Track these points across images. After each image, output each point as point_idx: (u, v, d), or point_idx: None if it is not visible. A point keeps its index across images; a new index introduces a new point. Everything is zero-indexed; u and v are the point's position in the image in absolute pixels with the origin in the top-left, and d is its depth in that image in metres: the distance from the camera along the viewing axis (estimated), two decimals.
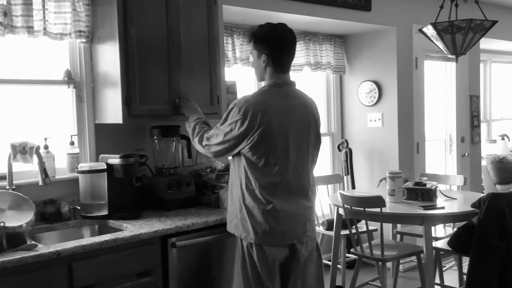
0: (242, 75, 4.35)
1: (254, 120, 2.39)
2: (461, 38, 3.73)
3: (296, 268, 2.53)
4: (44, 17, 2.81)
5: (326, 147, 5.20)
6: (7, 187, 2.68)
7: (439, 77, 5.69)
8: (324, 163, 5.19)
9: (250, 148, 2.42)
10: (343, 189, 4.79)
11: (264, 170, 2.43)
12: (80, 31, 2.94)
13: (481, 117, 6.10)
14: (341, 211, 3.88)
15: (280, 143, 2.43)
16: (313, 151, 2.57)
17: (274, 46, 2.47)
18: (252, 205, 2.44)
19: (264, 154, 2.42)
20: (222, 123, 2.51)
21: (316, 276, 2.62)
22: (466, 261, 3.62)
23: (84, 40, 2.98)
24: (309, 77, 4.95)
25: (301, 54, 4.64)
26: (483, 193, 5.45)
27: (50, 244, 2.38)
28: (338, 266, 4.29)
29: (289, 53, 2.53)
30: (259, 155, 2.42)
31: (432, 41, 3.95)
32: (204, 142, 2.59)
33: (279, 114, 2.43)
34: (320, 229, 4.49)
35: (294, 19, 4.16)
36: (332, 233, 4.11)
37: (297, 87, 2.62)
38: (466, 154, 5.77)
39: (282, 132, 2.43)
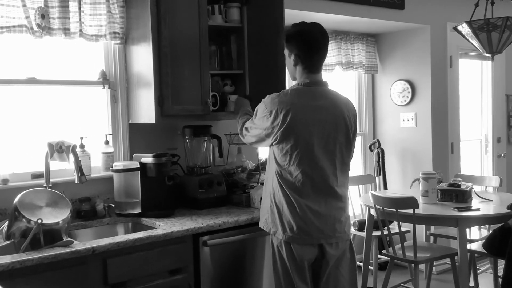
0: None
1: (276, 119, 2.41)
2: (497, 36, 3.64)
3: (326, 270, 2.52)
4: (80, 19, 2.87)
5: (357, 147, 5.10)
6: (45, 185, 2.75)
7: (475, 76, 5.57)
8: (355, 163, 5.15)
9: (275, 145, 2.45)
10: (375, 190, 4.75)
11: (289, 169, 2.43)
12: (114, 32, 3.00)
13: None
14: (372, 212, 3.84)
15: (303, 143, 2.41)
16: (343, 151, 2.53)
17: (302, 45, 2.46)
18: (281, 202, 2.45)
19: (288, 152, 2.42)
20: (254, 117, 2.58)
21: (350, 279, 2.58)
22: (501, 264, 3.54)
23: (118, 41, 3.04)
24: (340, 76, 4.92)
25: (332, 53, 4.61)
26: None
27: (86, 241, 2.43)
28: (370, 267, 4.25)
29: (319, 53, 2.49)
30: (283, 153, 2.43)
31: (467, 40, 3.88)
32: (244, 132, 2.68)
33: (303, 113, 2.41)
34: (351, 229, 4.46)
35: (325, 18, 4.14)
36: (363, 234, 4.08)
37: (329, 86, 2.59)
38: (503, 155, 5.64)
39: (306, 132, 2.42)
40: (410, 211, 3.45)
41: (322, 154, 2.46)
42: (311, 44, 2.46)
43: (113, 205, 2.95)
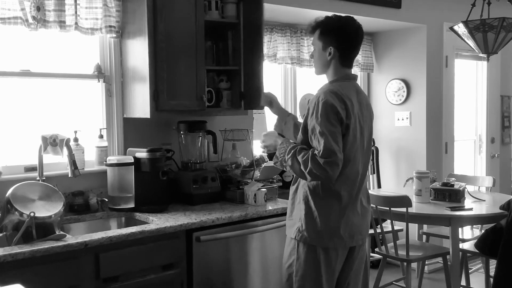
0: (269, 72, 4.35)
1: (342, 111, 2.21)
2: (493, 36, 3.66)
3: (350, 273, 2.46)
4: (76, 12, 2.86)
5: None
6: (38, 178, 2.74)
7: (470, 76, 5.59)
8: None
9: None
10: (369, 188, 4.76)
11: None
12: (110, 26, 2.98)
13: None
14: None
15: (357, 138, 2.30)
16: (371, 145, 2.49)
17: (344, 39, 2.33)
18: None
19: (346, 150, 2.24)
20: (321, 123, 2.19)
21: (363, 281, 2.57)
22: (493, 264, 3.56)
23: (114, 35, 3.03)
24: None
25: None
26: None
27: (78, 235, 2.43)
28: None
29: (357, 48, 2.39)
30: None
31: (463, 40, 3.89)
32: (322, 160, 2.16)
33: (355, 107, 2.30)
34: None
35: (322, 16, 4.13)
36: None
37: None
38: (496, 155, 5.66)
39: (359, 127, 2.32)
40: (403, 209, 3.46)
41: (366, 150, 2.40)
42: (352, 38, 2.35)
43: (107, 200, 2.94)
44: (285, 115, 2.62)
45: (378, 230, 3.82)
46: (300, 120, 2.47)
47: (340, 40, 2.33)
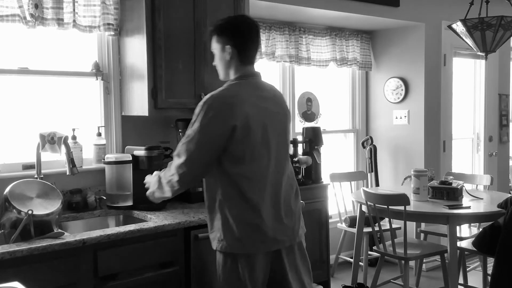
0: (268, 70, 4.35)
1: (230, 113, 2.18)
2: (491, 35, 3.66)
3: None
4: (74, 10, 2.85)
5: (350, 143, 5.17)
6: (36, 176, 2.74)
7: (468, 75, 5.59)
8: (348, 159, 5.16)
9: (232, 146, 2.20)
10: (367, 186, 4.76)
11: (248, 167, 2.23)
12: (108, 24, 2.98)
13: (510, 116, 5.98)
14: (364, 208, 3.85)
15: (258, 137, 2.23)
16: (288, 143, 2.43)
17: (238, 35, 2.29)
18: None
19: (247, 149, 2.20)
20: (193, 126, 2.23)
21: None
22: (491, 262, 3.56)
23: (112, 33, 3.02)
24: (334, 73, 4.92)
25: (326, 49, 4.61)
26: (510, 193, 5.35)
27: (76, 233, 2.43)
28: (360, 263, 4.27)
29: (254, 43, 2.33)
30: (240, 151, 2.21)
31: (461, 38, 3.89)
32: (176, 169, 2.23)
33: (254, 105, 2.23)
34: (342, 226, 4.47)
35: (320, 14, 4.14)
36: (354, 230, 4.09)
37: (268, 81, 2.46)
38: (494, 154, 5.67)
39: (261, 124, 2.24)
40: (401, 208, 3.46)
41: (278, 146, 2.31)
42: (247, 33, 2.31)
43: (105, 197, 2.94)
44: None
45: (376, 228, 3.82)
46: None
47: (235, 37, 2.29)
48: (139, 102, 2.96)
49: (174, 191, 2.31)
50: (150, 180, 2.44)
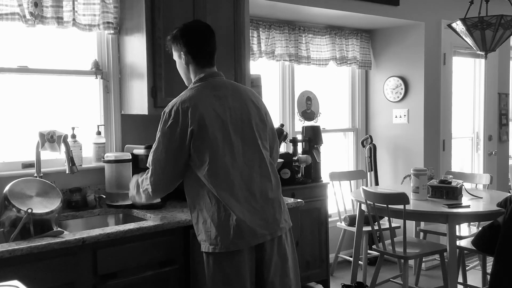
0: (267, 69, 4.35)
1: (186, 118, 2.22)
2: (491, 34, 3.65)
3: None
4: (73, 8, 2.85)
5: (350, 142, 5.17)
6: (35, 175, 2.73)
7: (468, 74, 5.59)
8: (347, 158, 5.16)
9: (193, 148, 2.24)
10: (366, 185, 4.77)
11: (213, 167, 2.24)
12: (108, 22, 2.98)
13: (510, 116, 5.98)
14: (363, 207, 3.86)
15: (218, 135, 2.24)
16: (262, 135, 2.39)
17: (189, 40, 2.35)
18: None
19: (208, 149, 2.22)
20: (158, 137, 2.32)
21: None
22: (490, 261, 3.57)
23: (112, 31, 3.02)
24: (333, 72, 4.92)
25: (326, 48, 4.61)
26: (509, 192, 5.36)
27: (76, 232, 2.43)
28: (360, 262, 4.27)
29: (207, 45, 2.37)
30: (202, 152, 2.24)
31: (461, 37, 3.89)
32: (149, 179, 2.33)
33: (210, 105, 2.26)
34: (342, 224, 4.48)
35: (320, 13, 4.14)
36: (354, 229, 4.10)
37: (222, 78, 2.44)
38: (493, 153, 5.67)
39: (219, 122, 2.25)
40: (401, 207, 3.47)
41: (242, 142, 2.30)
42: (197, 37, 2.36)
43: (104, 196, 2.94)
44: None
45: (376, 227, 3.82)
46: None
47: (187, 43, 2.36)
48: (138, 101, 2.96)
49: (151, 199, 2.44)
50: (131, 182, 2.56)
